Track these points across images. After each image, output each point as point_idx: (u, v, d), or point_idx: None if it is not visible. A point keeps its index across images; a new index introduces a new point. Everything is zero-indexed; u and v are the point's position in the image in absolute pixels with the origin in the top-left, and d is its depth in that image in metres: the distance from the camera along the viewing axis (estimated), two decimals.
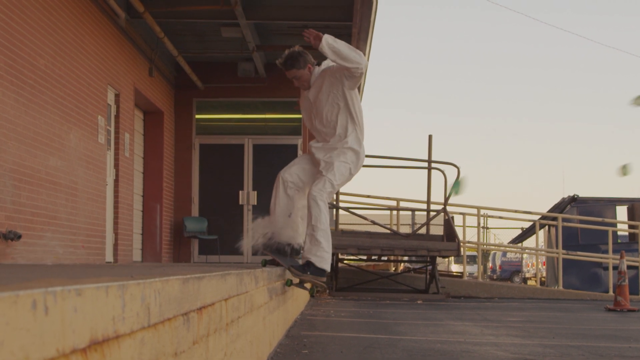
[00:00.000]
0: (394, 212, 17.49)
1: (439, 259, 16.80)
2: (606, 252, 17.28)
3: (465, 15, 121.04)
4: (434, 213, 15.27)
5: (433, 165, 15.31)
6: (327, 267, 6.33)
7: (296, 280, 6.40)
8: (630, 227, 18.89)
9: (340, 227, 15.42)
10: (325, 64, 6.59)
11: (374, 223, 15.41)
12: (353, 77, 6.39)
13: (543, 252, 20.37)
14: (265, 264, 6.58)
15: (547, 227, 20.73)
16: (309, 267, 6.25)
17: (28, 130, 8.67)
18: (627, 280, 12.36)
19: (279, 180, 6.66)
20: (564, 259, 17.20)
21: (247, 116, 17.06)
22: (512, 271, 39.93)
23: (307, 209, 6.35)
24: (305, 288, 6.57)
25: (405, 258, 16.87)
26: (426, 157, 15.40)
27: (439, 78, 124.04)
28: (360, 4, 11.96)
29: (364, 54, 14.53)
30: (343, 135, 6.52)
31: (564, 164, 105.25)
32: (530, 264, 36.13)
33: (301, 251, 6.55)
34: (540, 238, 19.91)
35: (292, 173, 6.70)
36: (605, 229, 17.39)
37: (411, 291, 14.94)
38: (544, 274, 23.98)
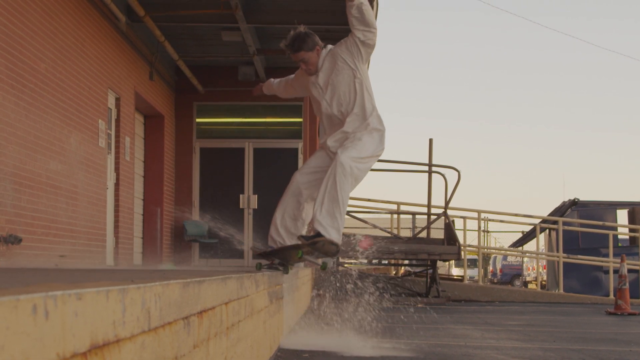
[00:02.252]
0: (395, 216, 17.48)
1: (439, 263, 16.80)
2: (607, 255, 17.28)
3: (465, 20, 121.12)
4: (435, 217, 15.27)
5: (433, 169, 15.32)
6: (339, 240, 5.91)
7: (306, 250, 5.90)
8: (631, 230, 18.88)
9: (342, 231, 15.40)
10: (330, 46, 6.17)
11: (374, 227, 15.41)
12: (368, 47, 6.00)
13: (544, 256, 20.36)
14: (260, 267, 6.20)
15: (547, 230, 20.72)
16: (319, 237, 5.80)
17: (28, 134, 8.67)
18: (627, 284, 12.35)
19: (292, 183, 6.21)
20: (564, 263, 17.19)
21: (248, 120, 17.06)
22: (512, 275, 39.88)
23: (330, 175, 5.84)
24: (316, 263, 6.04)
25: (406, 262, 16.87)
26: (427, 161, 15.40)
27: (439, 82, 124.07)
28: None
29: None
30: (362, 115, 6.06)
31: (565, 167, 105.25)
32: (530, 268, 36.09)
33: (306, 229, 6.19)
34: (540, 242, 19.90)
35: (306, 174, 6.21)
36: (606, 232, 17.39)
37: (412, 295, 14.93)
38: (545, 278, 23.96)
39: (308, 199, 6.22)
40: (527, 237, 23.60)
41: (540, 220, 18.48)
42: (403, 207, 17.08)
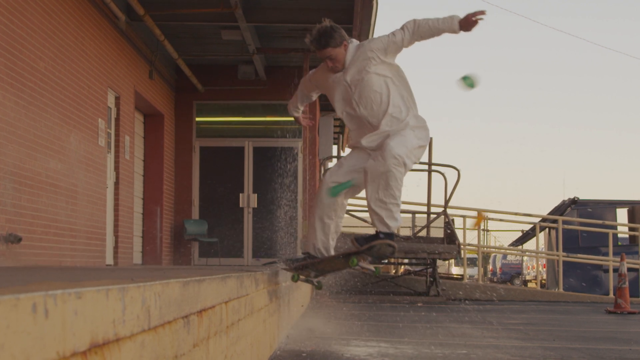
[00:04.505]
0: None
1: (439, 262, 16.81)
2: (606, 254, 17.28)
3: None
4: (435, 215, 15.27)
5: (433, 167, 15.31)
6: (395, 226, 5.56)
7: (364, 262, 5.55)
8: (631, 229, 18.88)
9: (341, 229, 15.39)
10: (356, 41, 5.71)
11: (374, 225, 15.37)
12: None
13: (543, 255, 20.36)
14: (297, 279, 5.87)
15: (547, 229, 20.72)
16: (377, 235, 5.51)
17: (28, 133, 8.67)
18: (627, 283, 12.35)
19: (324, 185, 5.75)
20: (564, 262, 17.19)
21: (248, 119, 17.07)
22: (512, 274, 39.92)
23: (380, 164, 5.36)
24: (369, 269, 5.63)
25: (406, 261, 16.87)
26: (426, 160, 15.40)
27: (439, 81, 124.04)
28: (360, 6, 11.96)
29: None
30: (398, 115, 5.53)
31: (565, 166, 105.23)
32: (530, 267, 36.11)
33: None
34: (540, 240, 19.90)
35: (341, 175, 5.73)
36: (606, 231, 17.38)
37: (412, 294, 14.93)
38: (545, 277, 23.97)
39: (344, 202, 5.85)
40: (527, 236, 23.61)
41: (540, 219, 18.48)
42: (403, 206, 17.07)
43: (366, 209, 6.09)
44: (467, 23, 5.40)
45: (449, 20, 5.44)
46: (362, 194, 5.90)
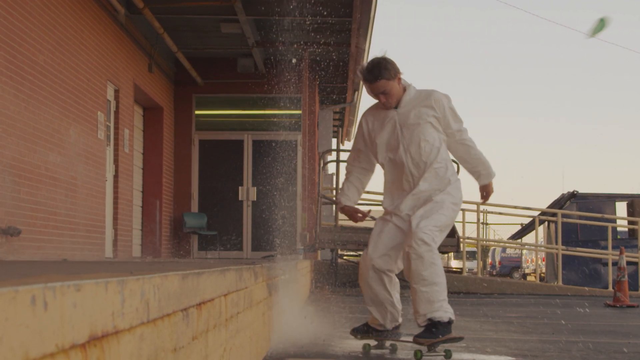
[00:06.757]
0: None
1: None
2: (606, 248, 17.28)
3: (466, 14, 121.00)
4: None
5: None
6: (451, 314, 5.30)
7: (425, 349, 5.31)
8: (630, 223, 18.88)
9: (340, 223, 15.42)
10: (414, 86, 5.32)
11: (373, 219, 15.40)
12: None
13: (542, 248, 20.36)
14: (369, 349, 5.73)
15: (546, 223, 20.72)
16: (436, 327, 5.23)
17: (27, 126, 8.67)
18: (626, 276, 12.36)
19: (369, 271, 5.56)
20: (563, 255, 17.20)
21: (247, 112, 17.06)
22: (511, 267, 39.92)
23: (408, 255, 5.26)
24: (438, 354, 5.29)
25: None
26: None
27: (438, 76, 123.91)
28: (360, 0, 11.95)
29: (364, 50, 14.53)
30: (443, 173, 5.25)
31: (564, 160, 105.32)
32: (529, 260, 36.12)
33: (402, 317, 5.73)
34: (539, 234, 19.90)
35: (382, 251, 5.58)
36: (605, 224, 17.39)
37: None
38: (544, 270, 23.99)
39: (393, 274, 5.73)
40: (526, 229, 23.61)
41: (539, 212, 18.48)
42: None
43: (364, 201, 6.06)
44: (490, 189, 5.60)
45: (491, 170, 5.56)
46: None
